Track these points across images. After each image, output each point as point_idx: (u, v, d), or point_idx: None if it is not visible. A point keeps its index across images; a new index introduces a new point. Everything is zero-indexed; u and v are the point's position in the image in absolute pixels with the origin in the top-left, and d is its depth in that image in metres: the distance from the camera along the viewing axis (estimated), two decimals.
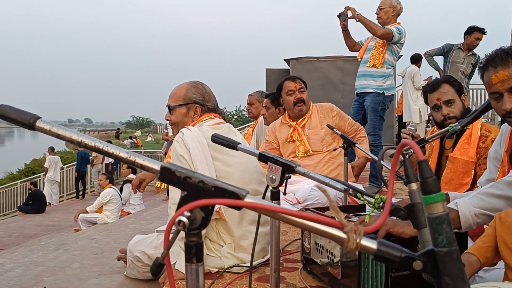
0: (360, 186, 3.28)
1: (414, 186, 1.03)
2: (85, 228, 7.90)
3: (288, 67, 11.53)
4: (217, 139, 1.50)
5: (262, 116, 4.65)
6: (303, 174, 1.25)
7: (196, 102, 2.36)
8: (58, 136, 0.69)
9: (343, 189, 1.19)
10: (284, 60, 11.85)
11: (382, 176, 1.29)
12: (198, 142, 2.16)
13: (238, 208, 0.65)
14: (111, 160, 15.15)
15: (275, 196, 1.32)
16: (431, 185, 0.62)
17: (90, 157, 14.71)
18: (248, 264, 2.20)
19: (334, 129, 2.98)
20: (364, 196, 1.11)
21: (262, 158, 1.32)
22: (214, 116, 2.37)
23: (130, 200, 9.50)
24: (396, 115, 10.26)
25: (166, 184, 2.58)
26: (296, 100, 3.57)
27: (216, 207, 2.15)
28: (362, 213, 1.98)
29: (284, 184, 1.29)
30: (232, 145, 1.44)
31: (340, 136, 2.92)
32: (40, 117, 0.70)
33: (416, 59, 8.56)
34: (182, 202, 0.65)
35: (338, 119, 3.61)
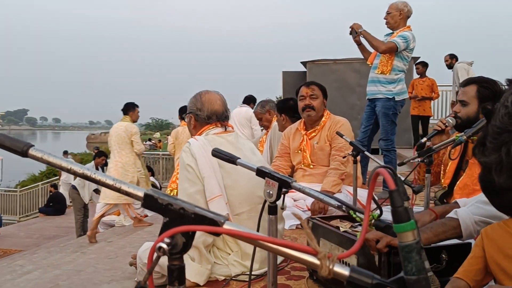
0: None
1: (406, 204, 1.05)
2: (103, 230, 8.03)
3: (305, 70, 11.52)
4: (217, 154, 1.53)
5: (276, 121, 4.68)
6: (299, 190, 1.28)
7: (191, 112, 2.43)
8: (49, 163, 0.73)
9: (336, 205, 1.21)
10: (301, 62, 11.85)
11: (375, 199, 1.29)
12: (205, 150, 2.21)
13: (217, 234, 0.68)
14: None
15: (273, 211, 1.35)
16: (401, 214, 0.64)
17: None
18: (255, 272, 2.23)
19: (344, 137, 2.98)
20: (357, 213, 1.13)
21: (260, 173, 1.35)
22: (221, 125, 2.40)
23: None
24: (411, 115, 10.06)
25: (176, 191, 2.63)
26: (305, 105, 3.58)
27: (224, 213, 2.18)
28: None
29: (282, 199, 1.32)
30: (232, 159, 1.47)
31: (349, 143, 2.92)
32: (33, 145, 0.74)
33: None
34: (164, 228, 0.69)
35: (334, 133, 3.45)
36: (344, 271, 0.65)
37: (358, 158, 3.45)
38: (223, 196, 2.20)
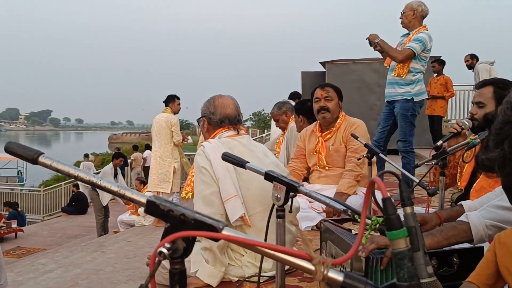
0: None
1: (409, 210, 1.06)
2: (123, 230, 8.15)
3: (324, 70, 11.48)
4: (227, 158, 1.55)
5: (293, 122, 4.69)
6: (306, 194, 1.29)
7: (204, 116, 2.47)
8: (57, 170, 0.76)
9: (342, 210, 1.23)
10: (320, 63, 11.80)
11: (379, 204, 1.29)
12: (219, 152, 2.23)
13: (216, 240, 0.71)
14: (150, 163, 15.50)
15: (281, 214, 1.37)
16: (394, 222, 0.66)
17: (129, 160, 15.09)
18: (269, 274, 2.25)
19: (358, 139, 2.98)
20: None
21: (268, 177, 1.37)
22: (233, 128, 2.43)
23: None
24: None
25: (191, 194, 2.67)
26: (319, 107, 3.58)
27: (241, 213, 2.21)
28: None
29: (290, 203, 1.33)
30: (241, 163, 1.49)
31: (364, 145, 2.92)
32: (43, 153, 0.78)
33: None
34: (165, 233, 0.71)
35: (350, 135, 3.46)
36: (338, 276, 0.67)
37: (374, 159, 3.44)
38: (238, 196, 2.22)
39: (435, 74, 8.56)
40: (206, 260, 2.19)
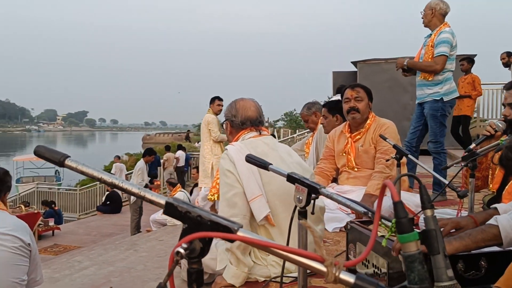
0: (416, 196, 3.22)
1: (429, 212, 1.06)
2: (155, 229, 8.30)
3: (355, 70, 11.37)
4: (250, 160, 1.58)
5: (321, 123, 4.67)
6: (327, 196, 1.30)
7: (227, 119, 2.54)
8: (82, 172, 0.80)
9: (363, 212, 1.23)
10: (351, 62, 11.70)
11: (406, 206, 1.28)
12: (242, 154, 2.27)
13: (231, 240, 0.73)
14: (183, 163, 15.74)
15: (303, 215, 1.39)
16: (405, 225, 0.66)
17: (161, 160, 15.34)
18: (295, 274, 2.26)
19: (387, 140, 2.96)
20: (382, 220, 1.14)
21: (290, 179, 1.38)
22: (255, 129, 2.48)
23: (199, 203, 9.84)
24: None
25: (217, 196, 2.72)
26: (349, 108, 3.56)
27: (266, 212, 2.23)
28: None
29: (312, 204, 1.35)
30: (264, 165, 1.51)
31: (392, 146, 2.89)
32: (69, 156, 0.82)
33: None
34: (183, 234, 0.74)
35: (379, 136, 3.43)
36: (350, 278, 0.68)
37: (404, 160, 3.40)
38: (263, 195, 2.25)
39: (464, 73, 8.36)
40: (230, 261, 2.23)
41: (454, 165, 2.46)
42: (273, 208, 2.28)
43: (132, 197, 10.94)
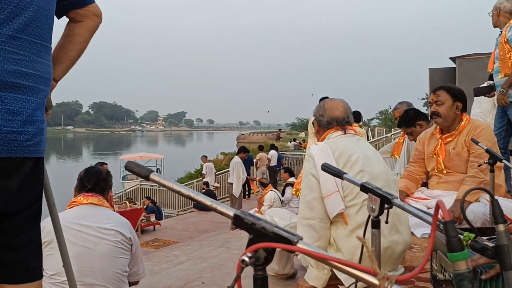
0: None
1: (501, 227, 1.05)
2: None
3: (454, 66, 10.79)
4: (325, 168, 1.62)
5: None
6: (399, 207, 1.31)
7: (315, 118, 2.62)
8: (164, 185, 0.91)
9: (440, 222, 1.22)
10: (450, 58, 11.12)
11: (467, 219, 1.24)
12: (323, 152, 2.34)
13: (291, 252, 0.80)
14: (275, 163, 15.99)
15: (376, 225, 1.41)
16: (455, 245, 0.69)
17: (254, 160, 15.69)
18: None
19: (479, 144, 2.82)
20: None
21: (364, 189, 1.41)
22: (341, 129, 2.52)
23: (290, 203, 9.97)
24: None
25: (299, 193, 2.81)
26: (431, 112, 3.46)
27: (340, 208, 2.25)
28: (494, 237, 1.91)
29: (386, 214, 1.36)
30: (339, 174, 1.55)
31: (485, 151, 2.76)
32: (153, 171, 0.94)
33: None
34: (249, 243, 0.82)
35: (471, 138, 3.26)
36: None
37: (500, 165, 3.21)
38: (339, 192, 2.28)
39: None
40: (310, 264, 2.29)
41: None
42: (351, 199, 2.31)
43: (236, 193, 11.52)
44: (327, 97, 8.06)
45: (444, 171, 3.44)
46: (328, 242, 2.36)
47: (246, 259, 0.80)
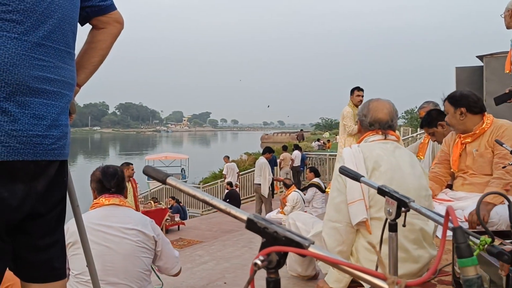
0: None
1: None
2: None
3: (481, 64, 10.56)
4: (343, 171, 1.62)
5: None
6: (416, 210, 1.31)
7: (358, 118, 2.57)
8: (180, 189, 0.94)
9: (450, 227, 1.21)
10: (477, 56, 10.89)
11: (482, 223, 1.23)
12: (355, 157, 2.31)
13: (303, 255, 0.81)
14: (298, 163, 15.95)
15: (393, 228, 1.40)
16: (464, 250, 0.69)
17: (278, 160, 15.69)
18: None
19: (504, 145, 2.77)
20: (470, 237, 1.13)
21: (380, 192, 1.41)
22: (382, 132, 2.45)
23: (313, 203, 9.94)
24: None
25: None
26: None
27: (362, 217, 2.24)
28: None
29: (404, 217, 1.36)
30: (356, 177, 1.55)
31: (510, 152, 2.70)
32: (171, 175, 0.97)
33: None
34: (261, 247, 0.84)
35: (495, 139, 3.20)
36: None
37: None
38: (364, 200, 2.25)
39: None
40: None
41: None
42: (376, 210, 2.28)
43: (265, 194, 11.60)
44: (358, 88, 7.90)
45: (470, 173, 3.38)
46: (351, 247, 2.35)
47: (259, 262, 0.82)
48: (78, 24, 1.65)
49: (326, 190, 9.63)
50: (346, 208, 2.27)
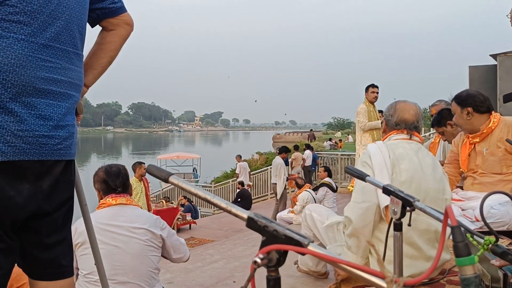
0: None
1: None
2: None
3: (495, 63, 10.44)
4: (348, 170, 1.62)
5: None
6: (421, 209, 1.30)
7: (385, 118, 2.59)
8: (182, 188, 0.95)
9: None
10: (490, 55, 10.77)
11: (486, 222, 1.22)
12: (380, 151, 2.34)
13: (302, 254, 0.82)
14: (309, 163, 15.91)
15: (397, 228, 1.40)
16: (461, 249, 0.69)
17: (289, 159, 15.66)
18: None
19: None
20: (474, 237, 1.12)
21: (386, 191, 1.41)
22: (407, 132, 2.48)
23: (324, 202, 9.92)
24: None
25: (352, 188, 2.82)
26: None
27: (383, 205, 2.24)
28: None
29: (409, 217, 1.36)
30: (361, 176, 1.55)
31: None
32: (173, 174, 0.98)
33: None
34: (261, 245, 0.85)
35: (506, 140, 3.18)
36: None
37: None
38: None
39: None
40: (349, 247, 2.30)
41: None
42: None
43: (279, 193, 11.73)
44: (373, 85, 7.87)
45: (479, 172, 3.35)
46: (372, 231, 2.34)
47: (258, 260, 0.82)
48: (88, 26, 1.67)
49: (349, 188, 9.64)
50: (374, 190, 2.25)
